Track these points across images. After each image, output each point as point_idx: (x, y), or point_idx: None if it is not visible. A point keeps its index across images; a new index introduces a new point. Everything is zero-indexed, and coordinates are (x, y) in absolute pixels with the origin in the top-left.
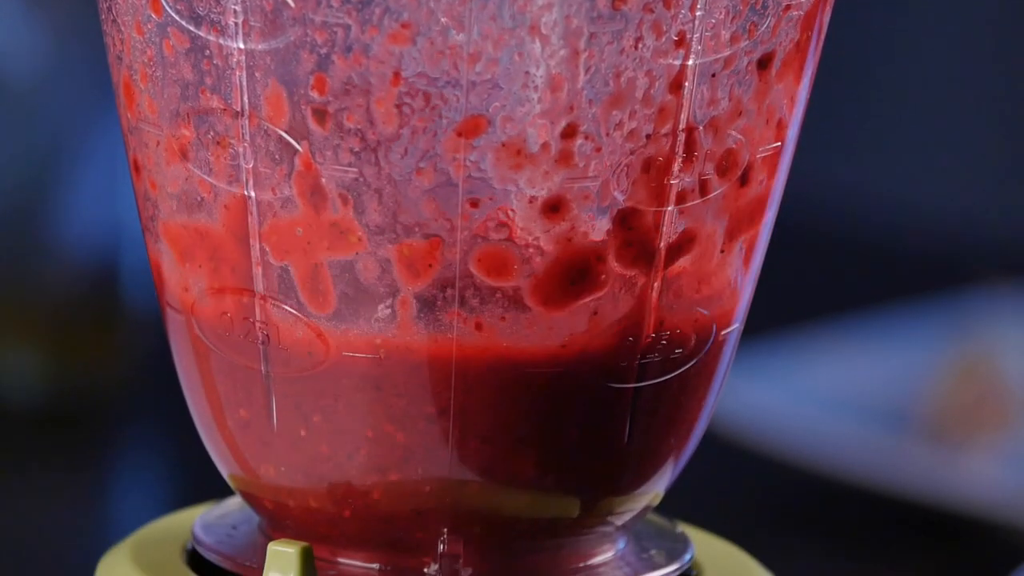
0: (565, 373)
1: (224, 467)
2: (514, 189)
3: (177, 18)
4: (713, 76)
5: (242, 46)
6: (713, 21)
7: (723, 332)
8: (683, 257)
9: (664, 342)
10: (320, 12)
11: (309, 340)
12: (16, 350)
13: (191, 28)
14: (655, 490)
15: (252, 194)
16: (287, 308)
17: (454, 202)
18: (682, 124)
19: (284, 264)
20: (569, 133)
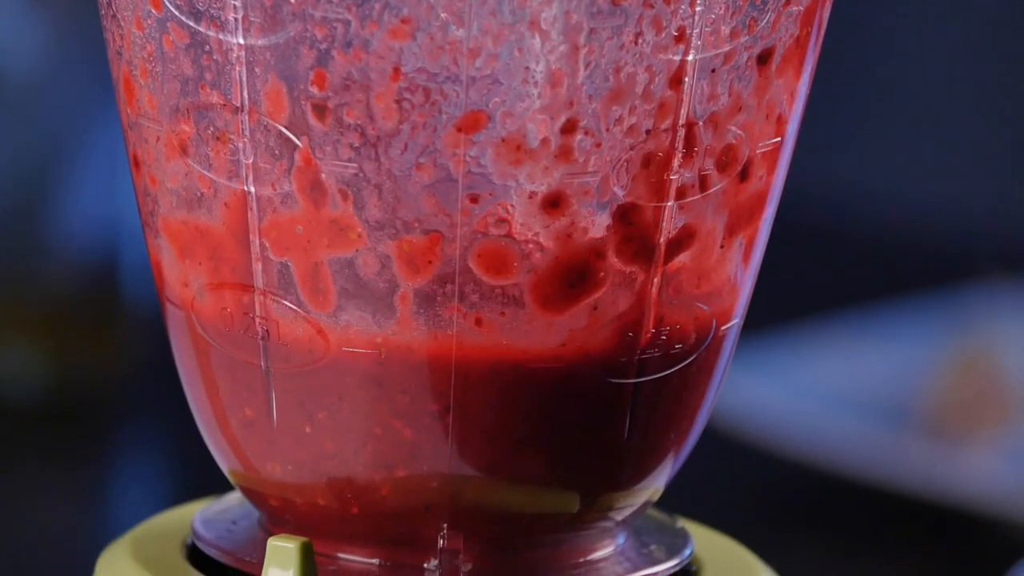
0: (565, 369)
1: (224, 462)
2: (514, 184)
3: (177, 13)
4: (713, 72)
5: (242, 41)
6: (713, 16)
7: (723, 328)
8: (683, 253)
9: (664, 338)
10: (320, 7)
11: (309, 336)
12: (16, 346)
13: (191, 23)
14: (655, 485)
15: (252, 190)
16: (287, 304)
17: (454, 198)
18: (682, 120)
19: (284, 260)
20: (569, 128)
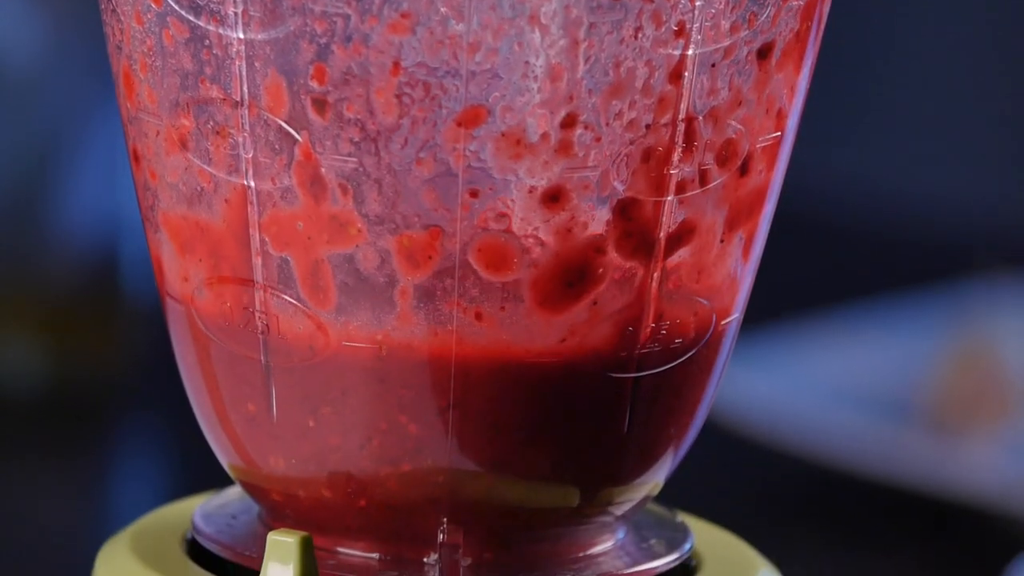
0: (565, 363)
1: (224, 457)
2: (514, 179)
3: (177, 8)
4: (713, 66)
5: (242, 36)
6: (713, 11)
7: (723, 322)
8: (683, 247)
9: (664, 332)
10: (320, 2)
11: (309, 331)
12: (16, 340)
13: (191, 18)
14: (655, 480)
15: (252, 184)
16: (287, 299)
17: (454, 192)
18: (682, 114)
19: (284, 255)
20: (569, 123)
